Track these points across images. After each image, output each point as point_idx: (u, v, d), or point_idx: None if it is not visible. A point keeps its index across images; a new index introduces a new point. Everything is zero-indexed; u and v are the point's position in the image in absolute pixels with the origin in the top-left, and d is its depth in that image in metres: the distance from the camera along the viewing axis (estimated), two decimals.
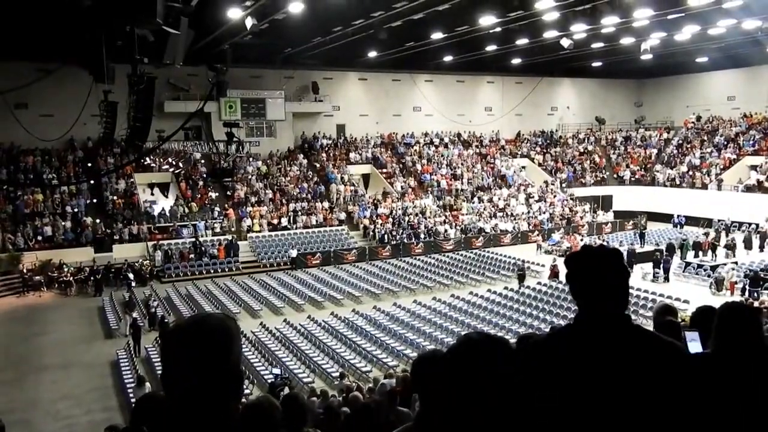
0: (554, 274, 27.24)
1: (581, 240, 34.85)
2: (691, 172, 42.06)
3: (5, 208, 31.41)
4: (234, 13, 25.16)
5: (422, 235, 36.19)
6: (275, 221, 35.39)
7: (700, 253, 30.65)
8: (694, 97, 47.79)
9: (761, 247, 32.32)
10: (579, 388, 1.87)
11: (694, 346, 3.21)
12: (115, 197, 33.73)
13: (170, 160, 36.95)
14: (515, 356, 1.68)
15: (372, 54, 37.43)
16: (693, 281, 26.86)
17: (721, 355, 2.55)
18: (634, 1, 26.20)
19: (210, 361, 1.58)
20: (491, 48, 36.10)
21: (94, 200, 33.57)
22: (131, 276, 28.64)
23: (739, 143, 42.32)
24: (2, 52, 28.88)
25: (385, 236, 35.24)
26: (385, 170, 42.09)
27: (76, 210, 32.50)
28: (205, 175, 36.32)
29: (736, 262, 28.04)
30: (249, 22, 25.00)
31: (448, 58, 39.73)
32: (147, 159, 34.76)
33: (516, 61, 41.88)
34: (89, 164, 35.01)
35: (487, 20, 28.39)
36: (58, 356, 20.01)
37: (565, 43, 32.07)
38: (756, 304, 17.70)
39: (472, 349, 1.65)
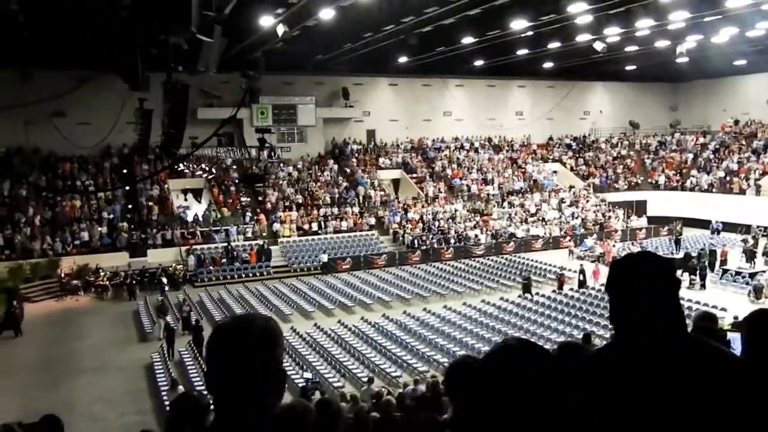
0: (561, 284, 26.71)
1: (614, 245, 34.31)
2: (728, 178, 41.12)
3: (44, 214, 32.17)
4: (266, 21, 25.42)
5: (452, 240, 36.02)
6: (306, 226, 35.60)
7: (717, 262, 29.14)
8: (732, 101, 46.71)
9: None
10: (628, 407, 1.78)
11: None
12: (150, 203, 34.30)
13: (203, 166, 37.46)
14: (552, 365, 1.61)
15: (402, 59, 37.45)
16: (731, 289, 26.22)
17: (752, 364, 2.45)
18: (669, 4, 25.77)
19: (253, 359, 1.62)
20: (522, 52, 35.83)
21: (129, 206, 34.19)
22: (165, 280, 29.07)
23: None
24: (41, 62, 29.65)
25: (415, 241, 35.17)
26: (415, 175, 42.06)
27: (111, 216, 33.14)
28: (237, 181, 36.73)
29: None
30: (281, 29, 25.22)
31: (478, 63, 39.56)
32: (181, 165, 35.29)
33: (548, 65, 41.49)
34: (124, 171, 35.67)
35: (519, 24, 28.19)
36: (94, 359, 20.39)
37: (598, 46, 31.61)
38: None
39: (506, 356, 1.60)
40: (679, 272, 27.24)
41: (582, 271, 27.23)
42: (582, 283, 26.77)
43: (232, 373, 1.61)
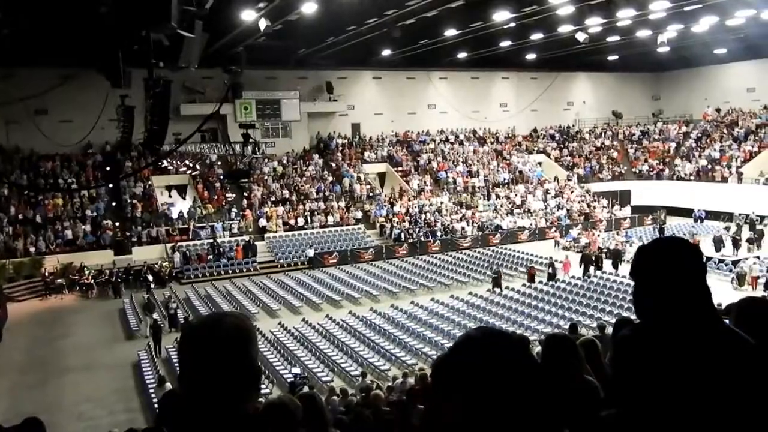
0: (531, 276, 26.77)
1: (598, 235, 34.56)
2: (710, 166, 41.54)
3: (26, 213, 31.82)
4: (248, 15, 25.27)
5: (439, 233, 36.11)
6: (292, 221, 35.51)
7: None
8: (713, 90, 47.13)
9: (757, 244, 30.93)
10: (661, 392, 1.74)
11: None
12: (134, 200, 34.05)
13: (187, 162, 37.22)
14: (519, 356, 1.55)
15: (386, 52, 37.40)
16: (714, 276, 26.49)
17: None
18: None
19: (225, 360, 1.59)
20: (506, 44, 35.92)
21: (113, 203, 33.92)
22: (150, 278, 28.90)
23: (759, 135, 41.71)
24: (22, 59, 29.22)
25: (402, 235, 35.21)
26: (400, 168, 42.06)
27: (95, 214, 32.86)
28: (221, 177, 36.56)
29: (758, 257, 27.64)
30: (262, 24, 25.09)
31: (462, 55, 39.60)
32: (164, 162, 35.04)
33: (531, 56, 41.62)
34: (108, 168, 35.36)
35: (501, 16, 28.27)
36: (81, 358, 20.25)
37: (581, 37, 31.76)
38: None
39: (468, 347, 1.55)
40: None
41: (551, 264, 27.41)
42: (552, 276, 26.85)
43: (204, 373, 1.58)
